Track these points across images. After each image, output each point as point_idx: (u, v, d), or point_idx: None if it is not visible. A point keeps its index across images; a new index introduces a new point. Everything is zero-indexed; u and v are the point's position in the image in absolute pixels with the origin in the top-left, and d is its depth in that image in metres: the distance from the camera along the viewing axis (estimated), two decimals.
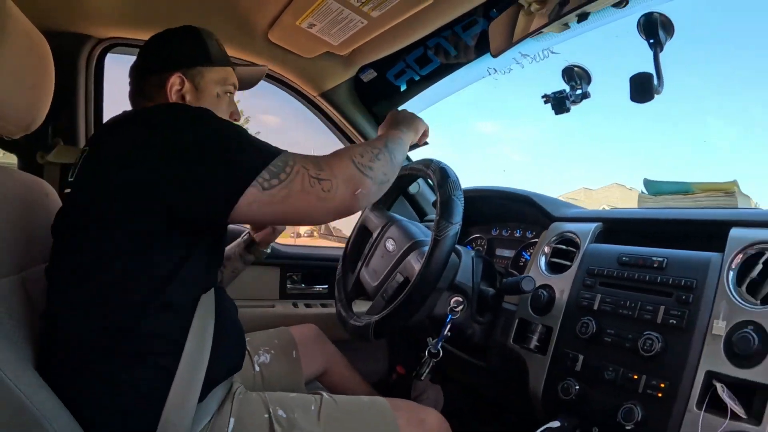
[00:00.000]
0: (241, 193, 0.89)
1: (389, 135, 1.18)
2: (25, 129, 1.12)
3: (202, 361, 1.01)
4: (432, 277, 1.20)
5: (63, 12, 1.61)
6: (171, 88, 1.13)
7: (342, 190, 0.97)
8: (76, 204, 1.00)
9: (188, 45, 1.18)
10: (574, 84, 1.43)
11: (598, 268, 1.26)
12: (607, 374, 1.11)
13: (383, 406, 1.24)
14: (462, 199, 1.21)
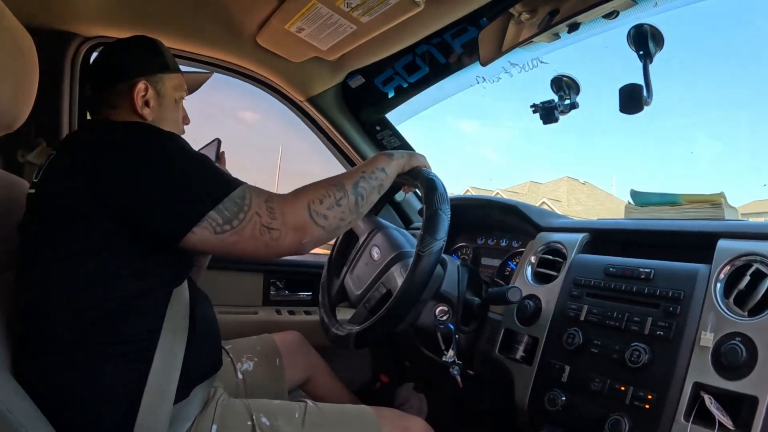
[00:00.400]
0: (191, 228, 0.93)
1: (373, 163, 1.18)
2: (6, 128, 1.09)
3: (176, 357, 1.02)
4: (413, 294, 1.18)
5: (49, 9, 1.58)
6: (137, 95, 1.14)
7: (289, 238, 1.01)
8: (41, 206, 1.00)
9: (149, 53, 1.21)
10: (563, 94, 1.43)
11: (585, 278, 1.26)
12: (593, 385, 1.09)
13: (368, 414, 1.23)
14: (449, 213, 1.18)
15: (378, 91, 2.01)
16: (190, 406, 1.09)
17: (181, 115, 1.26)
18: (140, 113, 1.15)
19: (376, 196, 1.16)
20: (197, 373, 1.10)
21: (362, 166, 1.16)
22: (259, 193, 1.00)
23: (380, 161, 1.18)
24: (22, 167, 1.65)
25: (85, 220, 0.94)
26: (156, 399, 0.98)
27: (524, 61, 1.54)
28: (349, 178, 1.11)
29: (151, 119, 1.16)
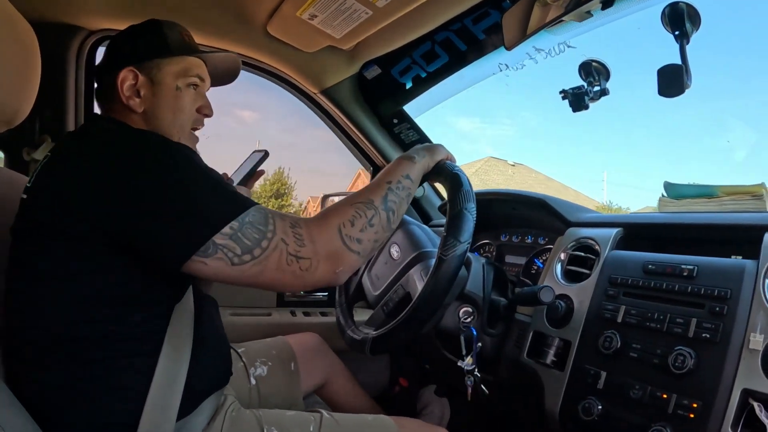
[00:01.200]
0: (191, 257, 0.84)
1: (397, 171, 1.07)
2: (7, 123, 1.06)
3: (179, 371, 0.95)
4: (433, 300, 1.10)
5: (52, 2, 1.54)
6: (122, 84, 1.05)
7: (322, 269, 0.91)
8: (31, 212, 0.93)
9: (144, 38, 1.11)
10: (592, 80, 1.35)
11: (621, 276, 1.17)
12: (633, 393, 1.01)
13: (388, 424, 1.16)
14: (474, 213, 1.09)
15: (395, 82, 1.94)
16: (198, 417, 1.02)
17: (192, 104, 1.13)
18: (128, 105, 1.06)
19: (406, 207, 1.06)
20: (204, 386, 1.04)
21: (386, 175, 1.06)
22: (283, 217, 0.90)
23: (403, 167, 1.08)
24: (28, 165, 1.61)
25: (76, 240, 0.86)
26: (158, 415, 0.92)
27: (550, 46, 1.46)
28: (376, 192, 1.01)
29: (141, 110, 1.07)
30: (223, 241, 0.83)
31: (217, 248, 0.83)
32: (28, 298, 0.89)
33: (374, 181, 1.05)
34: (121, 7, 1.61)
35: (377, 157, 2.18)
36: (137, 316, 0.92)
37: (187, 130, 1.12)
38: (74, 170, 0.88)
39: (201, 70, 1.15)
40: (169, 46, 1.10)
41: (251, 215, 0.87)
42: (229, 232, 0.84)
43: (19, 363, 0.91)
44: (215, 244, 0.83)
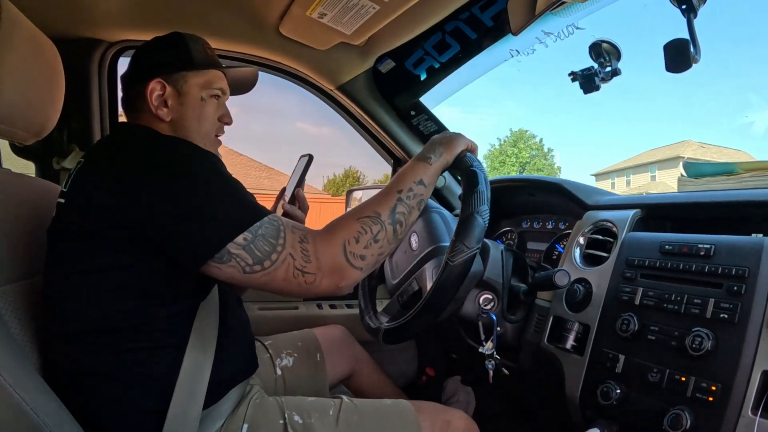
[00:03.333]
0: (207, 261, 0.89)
1: (409, 177, 1.07)
2: (35, 135, 1.14)
3: (205, 362, 1.01)
4: (440, 302, 1.11)
5: (71, 18, 1.60)
6: (151, 94, 1.10)
7: (325, 283, 0.95)
8: (68, 218, 0.99)
9: (170, 51, 1.16)
10: (602, 61, 1.33)
11: (638, 258, 1.15)
12: (651, 376, 1.00)
13: (406, 408, 1.19)
14: (486, 216, 1.07)
15: (409, 74, 1.93)
16: (223, 406, 1.08)
17: (214, 114, 1.18)
18: (156, 114, 1.11)
19: (417, 214, 1.07)
20: (229, 377, 1.10)
21: (397, 182, 1.06)
22: (294, 231, 0.95)
23: (417, 171, 1.08)
24: (58, 173, 1.68)
25: (107, 238, 0.92)
26: (185, 403, 0.98)
27: (559, 29, 1.43)
28: (384, 204, 1.02)
29: (169, 119, 1.12)
30: (236, 250, 0.89)
31: (231, 257, 0.89)
32: (63, 292, 0.96)
33: (385, 189, 1.06)
34: (138, 18, 1.65)
35: (397, 150, 2.18)
36: (165, 310, 0.98)
37: (211, 137, 1.18)
38: (106, 174, 0.94)
39: (222, 82, 1.21)
40: (193, 60, 1.15)
41: (264, 227, 0.91)
42: (242, 243, 0.89)
43: (55, 355, 0.98)
44: (230, 253, 0.89)
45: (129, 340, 0.95)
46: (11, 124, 1.04)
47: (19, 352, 0.89)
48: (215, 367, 1.03)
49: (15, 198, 1.08)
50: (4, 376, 0.79)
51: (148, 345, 0.96)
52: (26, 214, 1.08)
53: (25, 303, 1.01)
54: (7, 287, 0.97)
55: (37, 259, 1.05)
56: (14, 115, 1.03)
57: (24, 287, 1.02)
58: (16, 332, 0.96)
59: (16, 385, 0.80)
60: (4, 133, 1.07)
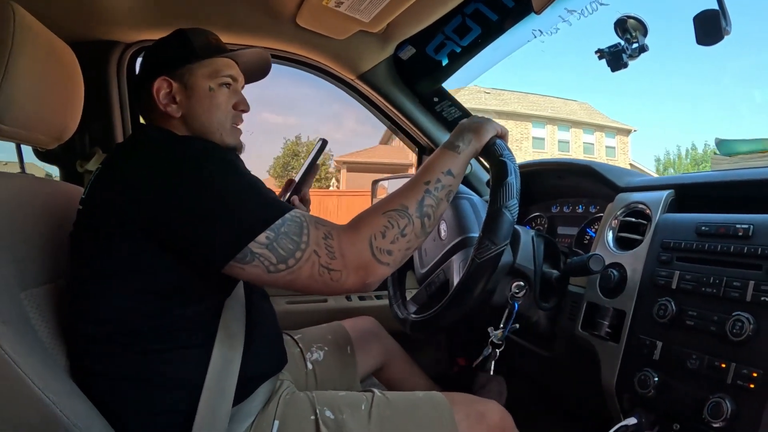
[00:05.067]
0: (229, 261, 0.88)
1: (437, 167, 1.04)
2: (57, 139, 1.15)
3: (233, 360, 1.01)
4: (465, 300, 1.10)
5: (86, 22, 1.60)
6: (158, 93, 1.10)
7: (352, 280, 0.93)
8: (87, 220, 0.99)
9: (171, 47, 1.15)
10: (629, 37, 1.28)
11: (674, 240, 1.11)
12: (690, 363, 0.96)
13: (439, 400, 1.17)
14: (515, 210, 1.05)
15: (431, 60, 1.90)
16: (253, 403, 1.08)
17: (227, 102, 1.16)
18: (166, 112, 1.11)
19: (446, 206, 1.04)
20: (258, 373, 1.10)
21: (425, 173, 1.03)
22: (318, 227, 0.92)
23: (445, 161, 1.05)
24: (82, 176, 1.70)
25: (127, 241, 0.92)
26: (214, 402, 0.98)
27: (582, 6, 1.39)
28: (411, 196, 0.99)
29: (179, 115, 1.12)
30: (259, 250, 0.87)
31: (254, 257, 0.87)
32: (86, 295, 0.96)
33: (412, 181, 1.03)
34: (153, 17, 1.65)
35: (422, 138, 2.16)
36: (189, 309, 0.98)
37: (227, 127, 1.16)
38: (123, 179, 0.94)
39: (232, 69, 1.18)
40: (195, 51, 1.13)
41: (287, 224, 0.90)
42: (265, 242, 0.87)
43: (82, 357, 0.98)
44: (252, 253, 0.87)
45: (154, 341, 0.95)
46: (31, 129, 1.05)
47: (48, 355, 0.91)
48: (244, 363, 1.03)
49: (39, 203, 1.09)
50: (33, 379, 0.80)
51: (173, 345, 0.96)
52: (51, 218, 1.09)
53: (51, 306, 1.02)
54: (34, 290, 0.98)
55: (63, 262, 1.06)
56: (34, 121, 1.04)
57: (50, 290, 1.03)
58: (43, 335, 0.97)
59: (46, 388, 0.81)
60: (26, 138, 1.08)
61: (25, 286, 0.95)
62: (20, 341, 0.83)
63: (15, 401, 0.81)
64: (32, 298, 0.97)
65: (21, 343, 0.82)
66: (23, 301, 0.93)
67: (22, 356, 0.81)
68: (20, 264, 0.96)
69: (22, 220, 1.01)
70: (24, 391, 0.79)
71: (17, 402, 0.81)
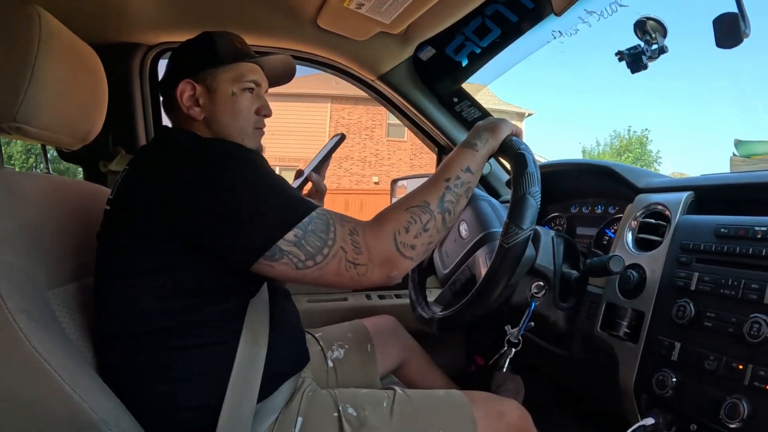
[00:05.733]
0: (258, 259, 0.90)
1: (456, 164, 1.07)
2: (81, 140, 1.17)
3: (257, 358, 1.03)
4: (495, 287, 1.10)
5: (109, 24, 1.63)
6: (182, 96, 1.13)
7: (376, 274, 0.96)
8: (114, 220, 1.02)
9: (197, 50, 1.17)
10: (648, 38, 1.28)
11: (693, 242, 1.11)
12: (707, 364, 0.96)
13: (459, 399, 1.19)
14: (539, 197, 1.07)
15: (451, 61, 1.90)
16: (276, 399, 1.09)
17: (249, 107, 1.18)
18: (189, 114, 1.13)
19: (465, 202, 1.06)
20: (281, 371, 1.11)
21: (444, 170, 1.06)
22: (343, 224, 0.95)
23: (464, 159, 1.07)
24: (105, 176, 1.73)
25: (156, 241, 0.94)
26: (239, 398, 0.99)
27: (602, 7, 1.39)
28: (432, 192, 1.02)
29: (202, 118, 1.14)
30: (288, 247, 0.89)
31: (283, 254, 0.89)
32: (113, 293, 0.99)
33: (432, 178, 1.06)
34: (175, 19, 1.67)
35: (441, 137, 2.16)
36: (214, 308, 1.00)
37: (249, 131, 1.18)
38: (151, 180, 0.96)
39: (256, 74, 1.20)
40: (220, 55, 1.15)
41: (314, 222, 0.92)
42: (293, 239, 0.90)
43: (109, 354, 1.01)
44: (281, 250, 0.89)
45: (180, 338, 0.97)
46: (56, 130, 1.07)
47: (75, 351, 0.92)
48: (267, 361, 1.04)
49: (66, 203, 1.11)
50: (62, 376, 0.82)
51: (199, 342, 0.98)
52: (76, 218, 1.12)
53: (78, 303, 1.05)
54: (60, 288, 1.01)
55: (89, 261, 1.08)
56: (58, 122, 1.06)
57: (77, 288, 1.06)
58: (71, 332, 0.99)
59: (74, 384, 0.83)
60: (50, 139, 1.11)
61: (52, 285, 0.98)
62: (48, 338, 0.85)
63: (43, 397, 0.82)
64: (59, 296, 1.00)
65: (49, 340, 0.84)
66: (50, 299, 0.96)
67: (51, 353, 0.83)
68: (48, 263, 0.98)
69: (50, 219, 1.03)
70: (53, 387, 0.81)
71: (46, 398, 0.82)
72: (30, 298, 0.86)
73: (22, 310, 0.82)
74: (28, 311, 0.83)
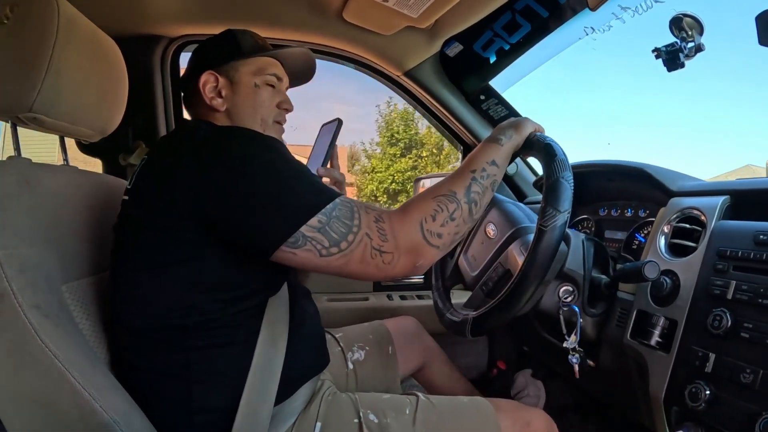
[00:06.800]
0: (280, 246, 0.88)
1: (482, 157, 1.06)
2: (101, 132, 1.17)
3: (275, 358, 1.01)
4: (537, 273, 1.06)
5: (131, 16, 1.63)
6: (204, 87, 1.14)
7: (403, 262, 0.93)
8: (132, 211, 1.00)
9: (219, 44, 1.19)
10: (685, 36, 1.24)
11: (730, 249, 1.06)
12: (743, 377, 0.91)
13: (485, 407, 1.16)
14: (571, 181, 1.05)
15: (478, 57, 1.87)
16: (295, 402, 1.08)
17: (271, 100, 1.19)
18: (211, 105, 1.14)
19: (491, 195, 1.05)
20: (300, 373, 1.10)
21: (470, 163, 1.05)
22: (368, 211, 0.93)
23: (489, 152, 1.07)
24: (125, 169, 1.74)
25: (176, 231, 0.92)
26: (256, 401, 0.98)
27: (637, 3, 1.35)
28: (459, 183, 1.00)
29: (224, 109, 1.15)
30: (311, 233, 0.87)
31: (306, 240, 0.87)
32: (130, 288, 0.97)
33: (458, 170, 1.05)
34: (198, 12, 1.67)
35: (466, 135, 2.14)
36: (233, 306, 0.98)
37: (270, 123, 1.19)
38: (168, 169, 0.94)
39: (276, 69, 1.21)
40: (242, 49, 1.17)
41: (338, 209, 0.90)
42: (317, 225, 0.87)
43: (123, 350, 1.00)
44: (304, 237, 0.87)
45: (197, 337, 0.95)
46: (76, 122, 1.06)
47: (88, 349, 0.91)
48: (286, 362, 1.03)
49: (83, 195, 1.11)
50: (74, 373, 0.81)
51: (216, 342, 0.97)
52: (93, 211, 1.11)
53: (93, 299, 1.03)
54: (75, 283, 1.00)
55: (105, 255, 1.07)
56: (78, 114, 1.06)
57: (92, 283, 1.05)
58: (84, 328, 0.98)
59: (86, 382, 0.82)
60: (70, 131, 1.10)
61: (66, 279, 0.97)
62: (60, 334, 0.84)
63: (54, 395, 0.82)
64: (74, 291, 0.99)
65: (62, 337, 0.84)
66: (64, 294, 0.95)
67: (63, 350, 0.82)
68: (63, 256, 0.97)
69: (67, 212, 1.03)
70: (64, 385, 0.81)
71: (56, 396, 0.82)
72: (43, 292, 0.85)
73: (34, 305, 0.81)
74: (40, 306, 0.82)
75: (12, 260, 0.82)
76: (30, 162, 1.00)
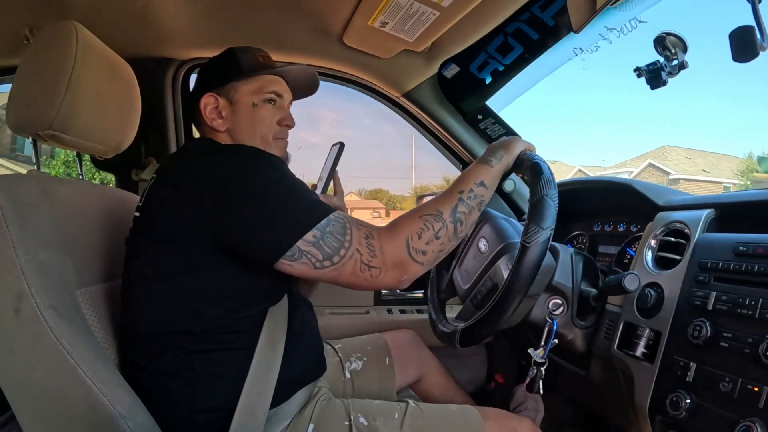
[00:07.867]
0: (279, 259, 0.94)
1: (470, 178, 1.10)
2: (115, 149, 1.23)
3: (273, 364, 1.06)
4: (518, 288, 1.08)
5: (144, 39, 1.70)
6: (205, 108, 1.18)
7: (389, 276, 0.99)
8: (142, 225, 1.06)
9: (219, 65, 1.23)
10: (669, 54, 1.27)
11: (711, 260, 1.08)
12: (722, 385, 0.94)
13: (472, 414, 1.19)
14: (556, 199, 1.08)
15: (474, 78, 1.92)
16: (290, 406, 1.12)
17: (271, 118, 1.22)
18: (212, 126, 1.18)
19: (477, 215, 1.09)
20: (296, 379, 1.14)
21: (459, 184, 1.10)
22: (359, 228, 0.99)
23: (478, 173, 1.11)
24: (137, 184, 1.81)
25: (183, 244, 0.98)
26: (253, 403, 1.02)
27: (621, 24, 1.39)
28: (446, 203, 1.05)
29: (224, 129, 1.19)
30: (307, 247, 0.92)
31: (302, 254, 0.92)
32: (139, 296, 1.03)
33: (447, 190, 1.10)
34: (207, 37, 1.73)
35: (465, 154, 2.16)
36: (236, 314, 1.03)
37: (270, 140, 1.22)
38: (177, 186, 1.00)
39: (278, 86, 1.24)
40: (241, 68, 1.20)
41: (332, 225, 0.95)
42: (312, 240, 0.93)
43: (132, 352, 1.05)
44: (300, 250, 0.92)
45: (201, 342, 1.00)
46: (91, 139, 1.13)
47: (98, 347, 0.96)
48: (284, 368, 1.07)
49: (97, 208, 1.17)
50: (84, 369, 0.86)
51: (219, 346, 1.02)
52: (107, 223, 1.18)
53: (105, 304, 1.10)
54: (88, 289, 1.06)
55: (117, 264, 1.13)
56: (94, 132, 1.13)
57: (104, 290, 1.12)
58: (96, 330, 1.04)
59: (95, 378, 0.87)
60: (85, 147, 1.16)
61: (80, 284, 1.03)
62: (73, 333, 0.89)
63: (66, 389, 0.87)
64: (87, 296, 1.05)
65: (74, 335, 0.89)
66: (78, 298, 1.01)
67: (75, 347, 0.87)
68: (78, 263, 1.03)
69: (82, 223, 1.09)
70: (75, 379, 0.86)
71: (68, 389, 0.87)
72: (58, 295, 0.91)
73: (50, 306, 0.87)
74: (55, 307, 0.88)
75: (32, 264, 0.88)
76: (49, 175, 1.08)
